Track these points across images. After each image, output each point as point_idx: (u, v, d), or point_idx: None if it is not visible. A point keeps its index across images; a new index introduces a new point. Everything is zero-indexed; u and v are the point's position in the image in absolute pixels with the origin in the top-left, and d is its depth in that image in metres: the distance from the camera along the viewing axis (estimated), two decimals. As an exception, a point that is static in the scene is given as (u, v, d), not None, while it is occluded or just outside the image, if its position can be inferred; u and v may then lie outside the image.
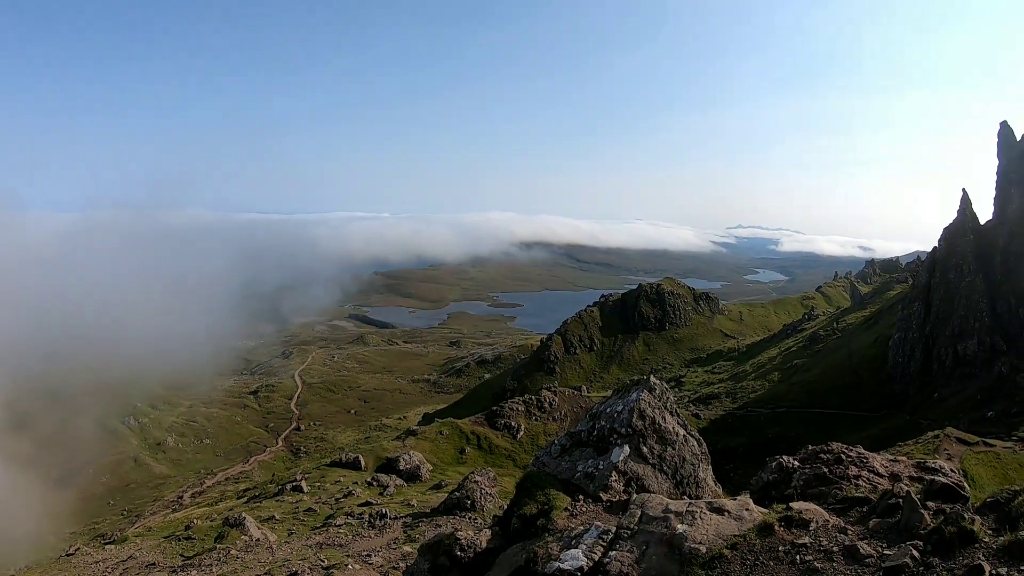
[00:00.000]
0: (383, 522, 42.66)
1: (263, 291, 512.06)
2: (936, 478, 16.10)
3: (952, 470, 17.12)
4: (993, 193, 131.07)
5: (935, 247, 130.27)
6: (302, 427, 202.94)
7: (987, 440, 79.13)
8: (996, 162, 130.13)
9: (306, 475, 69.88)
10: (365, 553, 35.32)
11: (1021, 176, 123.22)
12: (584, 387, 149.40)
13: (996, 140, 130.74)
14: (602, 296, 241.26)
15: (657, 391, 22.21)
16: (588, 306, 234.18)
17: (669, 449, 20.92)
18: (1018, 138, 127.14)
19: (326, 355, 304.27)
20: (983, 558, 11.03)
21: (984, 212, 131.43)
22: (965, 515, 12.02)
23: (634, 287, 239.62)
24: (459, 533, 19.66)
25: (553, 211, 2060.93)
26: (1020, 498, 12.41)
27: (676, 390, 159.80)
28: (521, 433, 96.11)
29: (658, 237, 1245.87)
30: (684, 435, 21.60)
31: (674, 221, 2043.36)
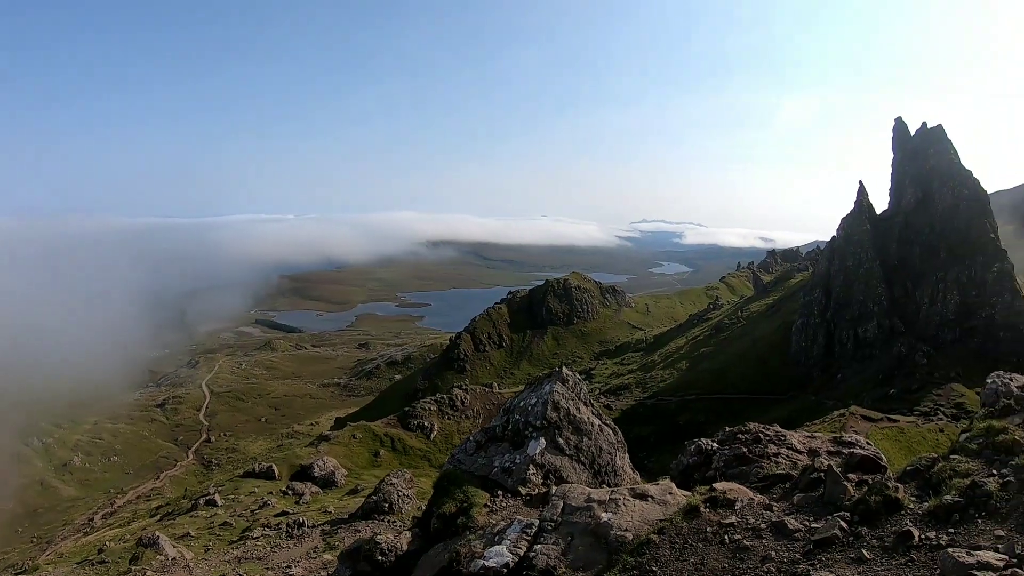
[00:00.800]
0: (301, 531, 41.87)
1: (167, 298, 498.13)
2: (855, 451, 16.29)
3: (868, 443, 17.35)
4: (888, 185, 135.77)
5: (834, 236, 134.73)
6: (212, 438, 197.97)
7: (891, 416, 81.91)
8: (891, 156, 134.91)
9: (219, 488, 68.33)
10: (285, 564, 34.63)
11: (915, 169, 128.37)
12: (495, 384, 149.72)
13: (891, 135, 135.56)
14: (509, 293, 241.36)
15: (570, 382, 22.15)
16: (496, 303, 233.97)
17: (585, 439, 20.84)
18: (912, 133, 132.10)
19: (233, 363, 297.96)
20: (910, 524, 11.20)
21: (879, 203, 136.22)
22: (888, 484, 12.15)
23: (541, 283, 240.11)
24: (379, 537, 19.26)
25: (458, 210, 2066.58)
26: (940, 464, 12.62)
27: (587, 383, 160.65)
28: (435, 433, 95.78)
29: (563, 233, 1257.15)
30: (599, 425, 21.56)
31: (578, 217, 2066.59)
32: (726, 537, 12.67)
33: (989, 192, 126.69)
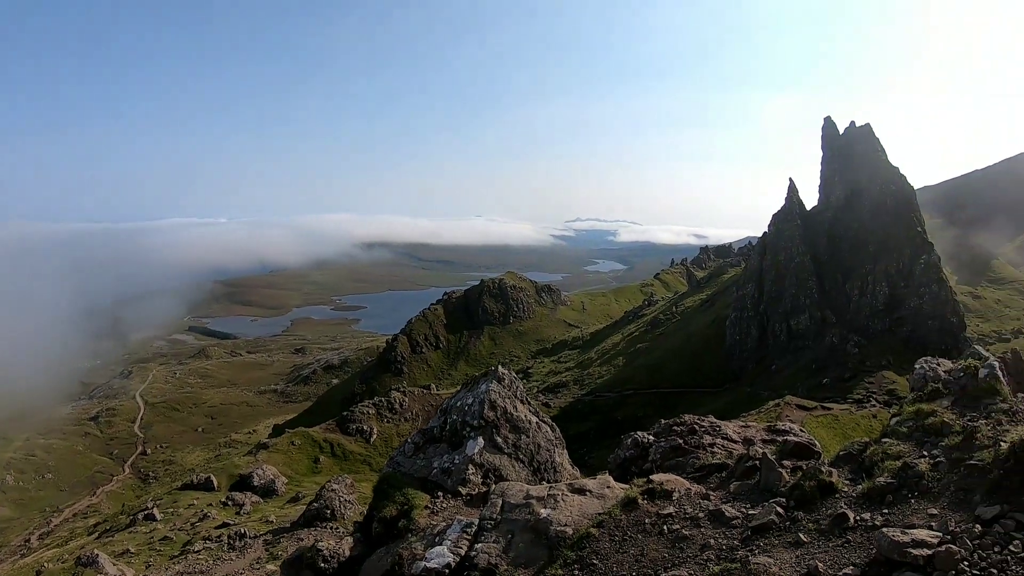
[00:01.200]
0: (243, 542, 41.27)
1: (97, 307, 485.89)
2: (788, 438, 16.51)
3: (802, 430, 17.61)
4: (818, 182, 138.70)
5: (765, 232, 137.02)
6: (148, 451, 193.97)
7: (825, 404, 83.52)
8: (820, 154, 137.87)
9: (158, 502, 67.26)
10: (229, 577, 34.06)
11: (843, 165, 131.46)
12: (433, 385, 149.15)
13: (820, 134, 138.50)
14: (445, 293, 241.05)
15: (506, 381, 22.12)
16: (432, 304, 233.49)
17: (523, 437, 20.82)
18: (841, 132, 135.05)
19: (167, 372, 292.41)
20: (845, 506, 11.38)
21: (809, 199, 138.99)
22: (822, 469, 12.33)
23: (476, 283, 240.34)
24: (320, 544, 19.08)
25: (392, 211, 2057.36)
26: (872, 448, 12.84)
27: (525, 381, 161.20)
28: (374, 436, 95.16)
29: (498, 233, 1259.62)
30: (537, 422, 21.56)
31: (512, 217, 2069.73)
32: (665, 527, 12.74)
33: (915, 188, 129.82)
